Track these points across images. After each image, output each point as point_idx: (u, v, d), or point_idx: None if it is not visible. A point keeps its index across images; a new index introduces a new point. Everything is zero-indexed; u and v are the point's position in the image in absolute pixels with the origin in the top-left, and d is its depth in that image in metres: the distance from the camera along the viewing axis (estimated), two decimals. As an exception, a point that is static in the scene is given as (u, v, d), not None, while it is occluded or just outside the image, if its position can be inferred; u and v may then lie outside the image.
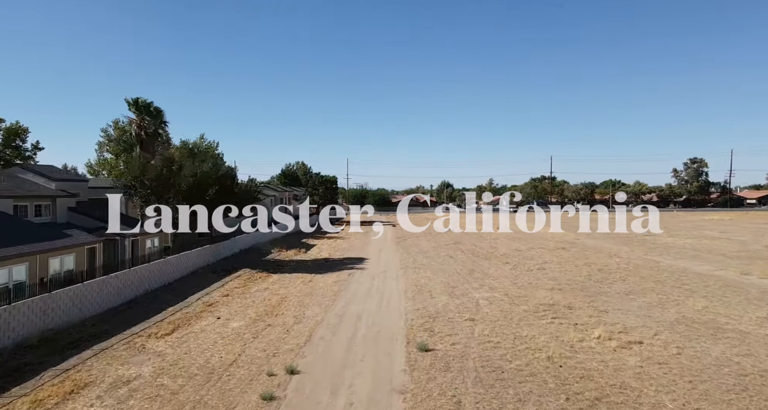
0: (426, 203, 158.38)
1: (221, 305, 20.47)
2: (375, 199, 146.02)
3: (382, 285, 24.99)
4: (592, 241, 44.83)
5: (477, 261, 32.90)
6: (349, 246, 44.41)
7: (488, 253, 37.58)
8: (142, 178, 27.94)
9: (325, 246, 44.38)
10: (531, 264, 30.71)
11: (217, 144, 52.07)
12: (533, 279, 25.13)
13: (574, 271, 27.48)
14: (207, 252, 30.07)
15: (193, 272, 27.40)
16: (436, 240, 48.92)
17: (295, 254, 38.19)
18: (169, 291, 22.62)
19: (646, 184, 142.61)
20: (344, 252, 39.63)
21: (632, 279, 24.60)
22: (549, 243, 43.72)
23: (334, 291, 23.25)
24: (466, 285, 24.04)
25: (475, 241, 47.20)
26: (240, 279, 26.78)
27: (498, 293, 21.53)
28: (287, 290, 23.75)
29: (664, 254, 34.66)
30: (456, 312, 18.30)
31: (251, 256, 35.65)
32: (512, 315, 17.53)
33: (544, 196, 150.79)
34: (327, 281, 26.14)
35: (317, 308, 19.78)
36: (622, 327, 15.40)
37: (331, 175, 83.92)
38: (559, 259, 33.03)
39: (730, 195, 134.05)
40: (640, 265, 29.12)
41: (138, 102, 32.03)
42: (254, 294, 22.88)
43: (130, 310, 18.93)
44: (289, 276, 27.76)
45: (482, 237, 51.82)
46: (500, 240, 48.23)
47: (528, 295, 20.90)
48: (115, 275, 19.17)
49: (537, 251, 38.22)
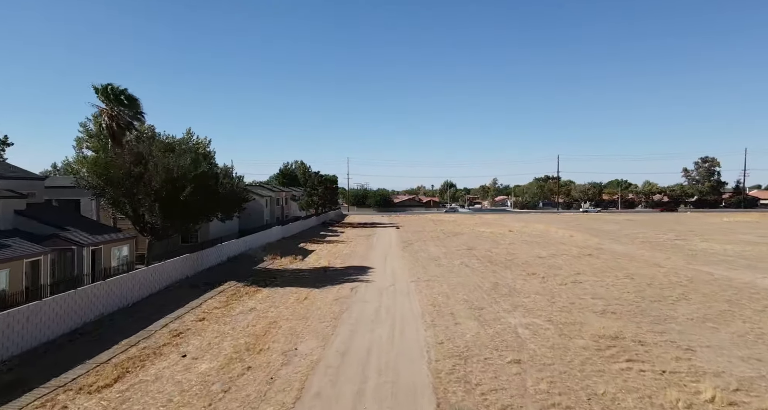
0: (429, 203, 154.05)
1: (192, 334, 16.25)
2: (376, 200, 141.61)
3: (392, 303, 20.77)
4: (619, 246, 40.59)
5: (498, 272, 28.67)
6: (351, 252, 40.21)
7: (507, 261, 33.35)
8: (107, 176, 23.74)
9: (325, 252, 40.17)
10: (562, 276, 26.49)
11: (209, 141, 47.89)
12: (573, 298, 20.89)
13: (619, 286, 23.24)
14: (186, 262, 25.84)
15: (168, 287, 23.16)
16: (446, 245, 44.69)
17: (290, 262, 33.97)
18: (130, 314, 18.38)
19: (656, 184, 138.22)
20: (345, 260, 35.42)
21: (695, 298, 20.35)
22: (572, 249, 39.50)
23: (334, 313, 19.04)
24: (495, 305, 19.80)
25: (489, 246, 42.96)
26: (223, 295, 22.55)
27: (539, 318, 17.28)
28: (277, 311, 19.52)
29: (711, 263, 30.43)
30: (492, 347, 14.06)
31: (240, 266, 31.39)
32: (569, 354, 13.30)
33: (550, 197, 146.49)
34: (326, 298, 21.93)
35: (313, 340, 15.56)
36: (734, 380, 11.15)
37: (331, 175, 79.75)
38: (592, 269, 28.80)
39: (744, 195, 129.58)
40: (694, 278, 24.88)
41: (108, 89, 27.88)
42: (236, 317, 18.66)
43: (70, 345, 14.70)
44: (282, 292, 23.54)
45: (495, 241, 47.58)
46: (516, 244, 43.99)
47: (577, 322, 16.67)
48: (53, 298, 14.96)
49: (562, 259, 33.99)
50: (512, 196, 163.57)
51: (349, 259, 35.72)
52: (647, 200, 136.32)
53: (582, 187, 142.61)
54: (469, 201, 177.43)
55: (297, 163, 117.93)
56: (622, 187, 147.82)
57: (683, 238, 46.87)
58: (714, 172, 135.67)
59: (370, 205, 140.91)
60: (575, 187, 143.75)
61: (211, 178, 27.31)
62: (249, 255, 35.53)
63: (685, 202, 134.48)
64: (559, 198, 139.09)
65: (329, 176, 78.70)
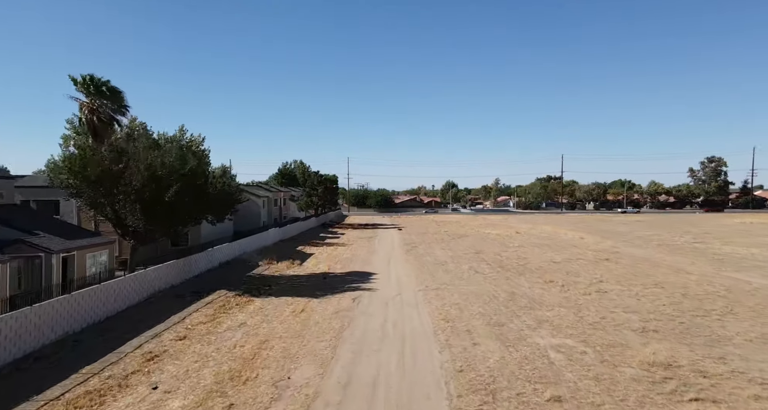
0: (430, 204, 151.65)
1: (169, 358, 13.95)
2: (377, 200, 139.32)
3: (399, 317, 18.47)
4: (636, 250, 38.25)
5: (512, 279, 26.38)
6: (352, 256, 37.91)
7: (520, 266, 31.05)
8: (84, 174, 21.44)
9: (324, 256, 37.87)
10: (583, 285, 24.18)
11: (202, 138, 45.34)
12: (603, 311, 18.58)
13: (650, 297, 20.92)
14: (171, 269, 23.52)
15: (149, 298, 20.83)
16: (452, 248, 42.39)
17: (287, 267, 31.66)
18: (101, 332, 16.07)
19: (662, 184, 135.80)
20: (346, 264, 33.12)
21: (743, 312, 18.04)
22: (586, 253, 37.18)
23: (334, 330, 16.74)
24: (515, 319, 17.50)
25: (498, 249, 40.65)
26: (210, 307, 20.24)
27: (570, 338, 14.97)
28: (270, 327, 17.22)
29: (743, 269, 28.12)
30: (524, 378, 11.76)
31: (232, 272, 29.07)
32: (619, 389, 11.00)
33: (553, 197, 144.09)
34: (325, 310, 19.63)
35: (310, 365, 13.26)
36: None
37: (331, 174, 77.43)
38: (614, 276, 26.49)
39: (752, 195, 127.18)
40: (732, 288, 22.57)
41: (87, 80, 25.56)
42: (223, 334, 16.35)
43: (18, 376, 12.38)
44: (276, 302, 21.24)
45: (503, 244, 45.27)
46: (526, 247, 41.68)
47: (617, 343, 14.35)
48: (1, 318, 12.63)
49: (578, 264, 31.69)
50: (514, 197, 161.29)
51: (350, 264, 33.43)
52: (653, 200, 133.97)
53: (586, 187, 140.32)
54: (470, 201, 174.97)
55: (296, 162, 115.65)
56: (627, 187, 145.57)
57: (701, 241, 44.55)
58: (720, 172, 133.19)
59: (370, 205, 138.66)
60: (579, 187, 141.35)
61: (201, 176, 25.00)
62: (243, 260, 33.20)
63: (692, 203, 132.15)
64: (563, 198, 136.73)
65: (329, 176, 76.43)
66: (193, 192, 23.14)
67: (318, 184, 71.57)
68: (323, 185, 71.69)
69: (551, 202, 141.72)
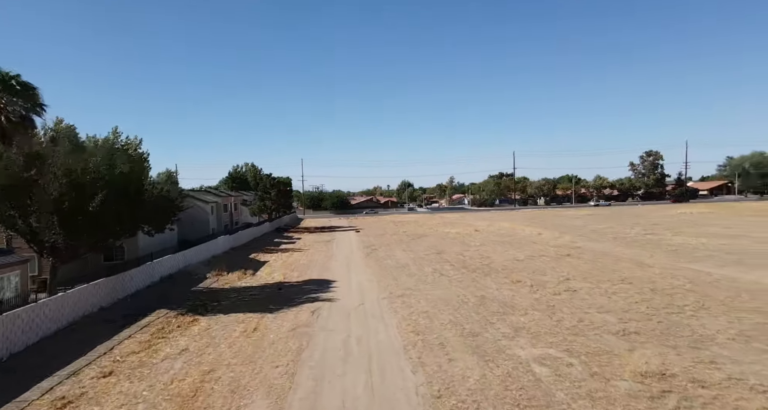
0: (387, 204, 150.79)
1: (86, 404, 11.46)
2: (333, 202, 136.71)
3: (363, 331, 16.73)
4: (595, 245, 38.53)
5: (478, 280, 25.32)
6: (309, 262, 35.75)
7: (484, 266, 30.16)
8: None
9: (279, 264, 35.46)
10: (552, 284, 23.45)
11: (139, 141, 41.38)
12: (578, 312, 17.70)
13: (621, 294, 20.36)
14: (101, 289, 20.51)
15: (71, 325, 17.86)
16: (412, 249, 41.13)
17: (238, 278, 29.09)
18: (2, 374, 13.23)
19: (606, 179, 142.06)
20: (303, 272, 30.97)
21: (714, 306, 17.69)
22: (547, 249, 37.00)
23: (292, 352, 14.77)
24: (490, 328, 16.22)
25: (460, 249, 39.80)
26: (147, 331, 17.61)
27: (552, 347, 13.79)
28: (217, 352, 14.98)
29: (698, 260, 28.56)
30: (512, 404, 10.35)
31: (175, 287, 26.19)
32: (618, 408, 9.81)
33: (506, 194, 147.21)
34: (281, 327, 17.58)
35: (263, 400, 11.27)
36: None
37: (284, 177, 74.32)
38: (580, 273, 26.03)
39: (686, 187, 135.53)
40: (694, 280, 22.51)
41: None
42: (159, 366, 13.95)
43: None
44: (225, 321, 18.90)
45: (464, 242, 44.56)
46: (487, 246, 41.11)
47: (602, 350, 13.31)
48: None
49: (541, 261, 31.23)
50: (469, 194, 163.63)
51: (307, 271, 31.29)
52: (598, 194, 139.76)
53: (537, 183, 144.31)
54: (426, 200, 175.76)
55: (248, 165, 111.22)
56: (574, 181, 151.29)
57: (652, 232, 45.85)
58: (658, 165, 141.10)
59: (326, 207, 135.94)
60: (530, 183, 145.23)
61: (134, 182, 22.08)
62: (188, 273, 30.21)
63: (633, 195, 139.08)
64: (515, 194, 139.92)
65: (282, 178, 73.35)
66: (124, 200, 20.28)
67: (271, 187, 68.41)
68: (276, 188, 68.62)
69: (504, 198, 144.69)
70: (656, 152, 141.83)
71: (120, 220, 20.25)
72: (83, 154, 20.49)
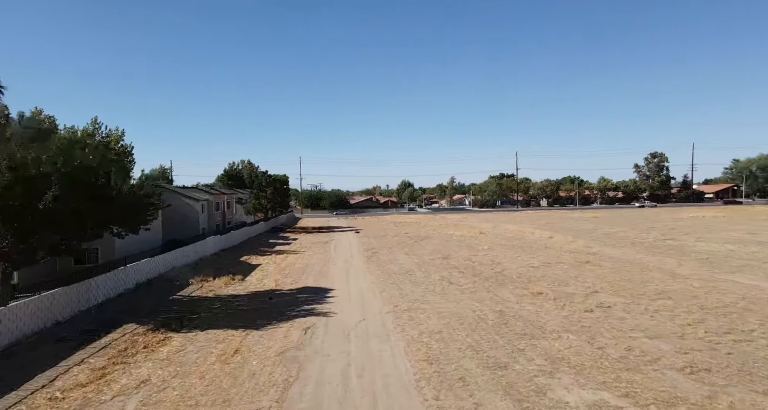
0: (387, 204, 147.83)
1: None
2: (331, 201, 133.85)
3: (366, 359, 13.85)
4: (613, 251, 35.68)
5: (493, 291, 22.47)
6: (305, 266, 32.87)
7: (497, 274, 27.32)
8: None
9: (272, 268, 32.56)
10: (578, 297, 20.60)
11: (121, 132, 38.42)
12: (623, 337, 14.81)
13: (665, 313, 17.47)
14: (56, 300, 17.53)
15: (12, 346, 14.89)
16: (417, 253, 38.28)
17: (225, 284, 26.19)
18: None
19: (610, 180, 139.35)
20: (298, 278, 28.09)
21: (787, 331, 14.83)
22: (562, 255, 34.15)
23: (277, 386, 11.90)
24: (520, 357, 13.33)
25: (467, 253, 36.95)
26: (105, 354, 14.68)
27: (607, 389, 10.89)
28: (183, 387, 12.07)
29: (737, 270, 25.72)
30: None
31: (152, 295, 23.25)
32: None
33: (508, 195, 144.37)
34: (267, 351, 14.69)
35: (232, 468, 8.38)
36: None
37: (281, 174, 71.40)
38: (608, 284, 23.17)
39: (692, 190, 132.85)
40: (748, 297, 19.55)
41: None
42: (110, 405, 11.05)
43: None
44: (202, 340, 16.01)
45: (471, 246, 41.71)
46: (496, 250, 38.26)
47: (674, 397, 10.40)
48: None
49: (559, 269, 28.38)
50: (470, 195, 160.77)
51: (302, 277, 28.41)
52: (602, 196, 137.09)
53: (539, 184, 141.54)
54: (426, 200, 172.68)
55: (244, 162, 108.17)
56: (577, 183, 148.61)
57: (671, 237, 43.04)
58: (663, 167, 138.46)
59: (324, 207, 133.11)
60: (533, 184, 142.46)
61: (100, 176, 19.14)
62: (170, 278, 27.25)
63: (638, 198, 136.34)
64: (518, 196, 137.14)
65: (279, 176, 70.47)
66: (85, 196, 17.34)
67: (267, 185, 65.54)
68: (272, 186, 65.74)
69: (506, 199, 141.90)
70: (661, 154, 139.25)
71: (80, 220, 17.30)
72: (34, 144, 17.54)
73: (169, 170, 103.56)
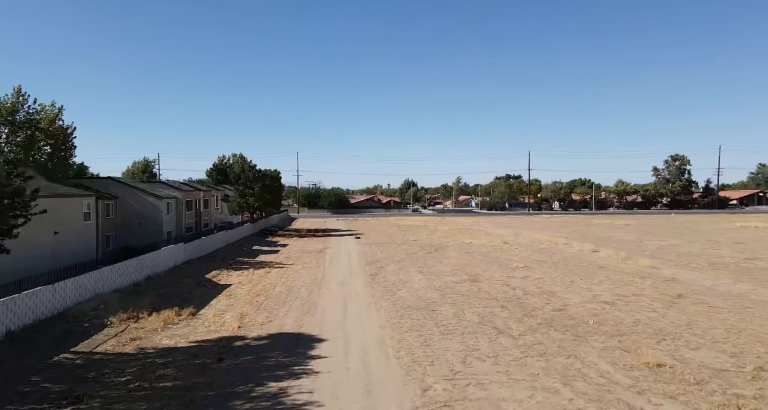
0: (389, 204, 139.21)
1: None
2: (330, 201, 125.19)
3: None
4: (696, 275, 27.16)
5: (575, 353, 14.03)
6: (288, 290, 24.40)
7: (559, 314, 18.86)
8: None
9: (243, 291, 24.11)
10: (739, 380, 12.08)
11: (59, 108, 29.88)
12: None
13: None
14: None
15: None
16: (433, 270, 29.83)
17: (164, 324, 17.73)
18: None
19: (629, 183, 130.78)
20: (274, 312, 19.62)
21: None
22: (635, 282, 25.57)
23: None
24: None
25: (499, 272, 28.49)
26: None
27: None
28: None
29: None
30: None
31: (26, 353, 14.60)
32: None
33: (517, 197, 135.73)
34: None
35: None
36: None
37: (272, 169, 62.90)
38: (764, 346, 14.63)
39: (717, 195, 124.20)
40: None
41: None
42: None
43: None
44: None
45: (500, 262, 33.20)
46: (536, 269, 29.75)
47: None
48: None
49: (646, 306, 19.90)
50: (476, 196, 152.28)
51: (281, 310, 19.94)
52: (620, 201, 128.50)
53: (552, 186, 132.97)
54: (429, 201, 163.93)
55: (236, 156, 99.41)
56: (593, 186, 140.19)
57: (754, 256, 34.47)
58: (684, 171, 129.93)
59: (323, 206, 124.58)
60: (546, 186, 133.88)
61: None
62: (76, 317, 18.35)
63: (656, 203, 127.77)
64: (529, 198, 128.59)
65: (270, 171, 61.99)
66: None
67: (254, 181, 57.00)
68: (261, 182, 57.19)
69: (515, 202, 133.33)
70: (683, 156, 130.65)
71: None
72: None
73: (153, 163, 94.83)
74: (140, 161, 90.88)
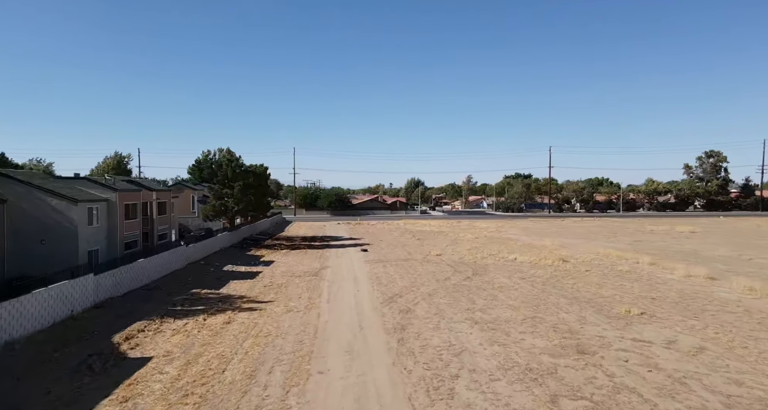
0: (394, 205, 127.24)
1: None
2: (330, 201, 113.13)
3: None
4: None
5: None
6: (248, 377, 12.62)
7: None
8: None
9: (159, 387, 12.31)
10: None
11: None
12: None
13: None
14: None
15: None
16: (493, 318, 17.85)
17: None
18: None
19: (660, 182, 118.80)
20: None
21: None
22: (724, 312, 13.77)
23: None
24: None
25: (608, 324, 16.59)
26: None
27: None
28: None
29: None
30: None
31: None
32: None
33: (533, 197, 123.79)
34: None
35: None
36: None
37: (258, 165, 51.23)
38: None
39: (761, 195, 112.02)
40: None
41: None
42: None
43: None
44: None
45: (591, 301, 21.34)
46: (665, 320, 17.94)
47: None
48: None
49: None
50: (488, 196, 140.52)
51: None
52: (650, 201, 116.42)
53: (574, 185, 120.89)
54: (435, 201, 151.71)
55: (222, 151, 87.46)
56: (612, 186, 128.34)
57: None
58: (720, 168, 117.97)
59: (322, 207, 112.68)
60: (568, 186, 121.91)
61: None
62: None
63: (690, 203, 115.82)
64: (550, 198, 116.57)
65: (256, 166, 50.43)
66: None
67: (233, 178, 45.34)
68: (242, 179, 45.50)
69: (531, 203, 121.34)
70: (718, 152, 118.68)
71: None
72: None
73: (128, 158, 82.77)
74: (111, 156, 78.89)
